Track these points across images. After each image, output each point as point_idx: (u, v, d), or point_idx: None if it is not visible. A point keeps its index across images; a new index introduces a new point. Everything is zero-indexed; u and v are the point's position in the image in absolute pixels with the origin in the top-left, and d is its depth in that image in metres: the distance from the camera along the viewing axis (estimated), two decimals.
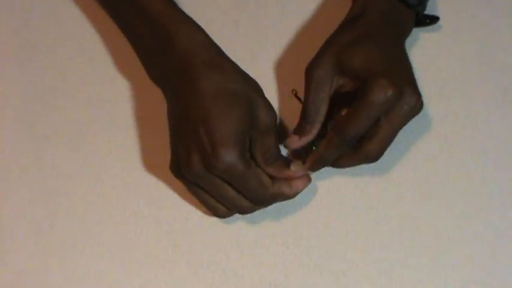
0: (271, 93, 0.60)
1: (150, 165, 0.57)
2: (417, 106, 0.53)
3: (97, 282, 0.54)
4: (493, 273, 0.55)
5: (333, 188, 0.57)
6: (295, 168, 0.53)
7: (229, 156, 0.49)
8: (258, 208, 0.54)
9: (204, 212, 0.56)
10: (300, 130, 0.55)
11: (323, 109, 0.54)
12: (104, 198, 0.56)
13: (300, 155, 0.57)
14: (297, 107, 0.56)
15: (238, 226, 0.56)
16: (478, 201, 0.57)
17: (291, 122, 0.58)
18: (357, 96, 0.52)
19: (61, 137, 0.58)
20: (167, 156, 0.54)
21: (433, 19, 0.61)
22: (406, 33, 0.58)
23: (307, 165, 0.55)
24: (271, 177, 0.53)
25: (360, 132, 0.52)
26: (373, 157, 0.53)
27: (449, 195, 0.57)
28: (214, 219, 0.56)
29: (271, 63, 0.61)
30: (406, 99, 0.52)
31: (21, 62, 0.60)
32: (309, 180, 0.54)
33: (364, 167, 0.57)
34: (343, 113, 0.57)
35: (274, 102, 0.59)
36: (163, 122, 0.56)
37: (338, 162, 0.55)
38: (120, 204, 0.56)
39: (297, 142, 0.55)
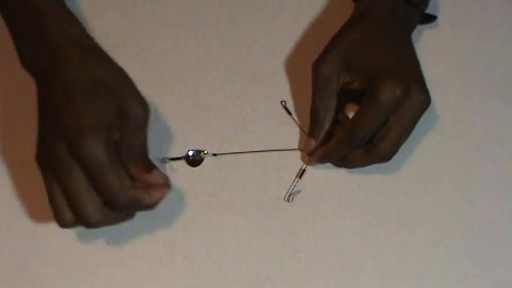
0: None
1: None
2: (425, 102, 0.53)
3: (94, 277, 0.54)
4: (491, 269, 0.55)
5: (329, 183, 0.57)
6: (158, 174, 0.51)
7: (93, 144, 0.47)
8: (109, 220, 0.49)
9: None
10: (313, 131, 0.56)
11: (332, 105, 0.55)
12: None
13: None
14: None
15: (235, 221, 0.56)
16: (475, 195, 0.57)
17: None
18: (365, 95, 0.53)
19: None
20: (162, 152, 0.55)
21: (431, 18, 0.61)
22: (411, 30, 0.59)
23: (314, 158, 0.56)
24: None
25: (370, 131, 0.52)
26: (386, 157, 0.54)
27: (447, 189, 0.57)
28: (211, 214, 0.56)
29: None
30: (415, 97, 0.52)
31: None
32: (169, 189, 0.51)
33: None
34: (348, 109, 0.58)
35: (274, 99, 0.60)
36: (159, 119, 0.56)
37: (351, 163, 0.55)
38: None
39: (313, 144, 0.56)
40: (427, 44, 0.61)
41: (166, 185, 0.51)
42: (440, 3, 0.62)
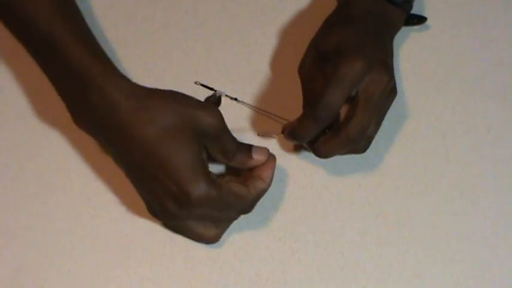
0: (266, 87, 0.60)
1: None
2: (388, 87, 0.52)
3: (94, 277, 0.54)
4: (490, 270, 0.55)
5: (330, 184, 0.57)
6: (258, 155, 0.53)
7: (198, 189, 0.48)
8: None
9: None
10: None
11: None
12: (100, 194, 0.56)
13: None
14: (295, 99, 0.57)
15: (235, 221, 0.56)
16: (475, 197, 0.57)
17: (292, 111, 0.58)
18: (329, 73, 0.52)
19: (58, 132, 0.58)
20: None
21: (421, 19, 0.61)
22: (392, 31, 0.58)
23: (284, 135, 0.55)
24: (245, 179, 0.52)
25: (333, 107, 0.51)
26: (355, 138, 0.52)
27: (447, 191, 0.57)
28: None
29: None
30: (376, 75, 0.51)
31: (20, 58, 0.60)
32: (274, 160, 0.53)
33: (361, 162, 0.57)
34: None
35: (274, 96, 0.59)
36: None
37: (323, 149, 0.53)
38: (116, 200, 0.56)
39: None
40: (426, 46, 0.61)
41: (271, 159, 0.53)
42: (439, 3, 0.62)
